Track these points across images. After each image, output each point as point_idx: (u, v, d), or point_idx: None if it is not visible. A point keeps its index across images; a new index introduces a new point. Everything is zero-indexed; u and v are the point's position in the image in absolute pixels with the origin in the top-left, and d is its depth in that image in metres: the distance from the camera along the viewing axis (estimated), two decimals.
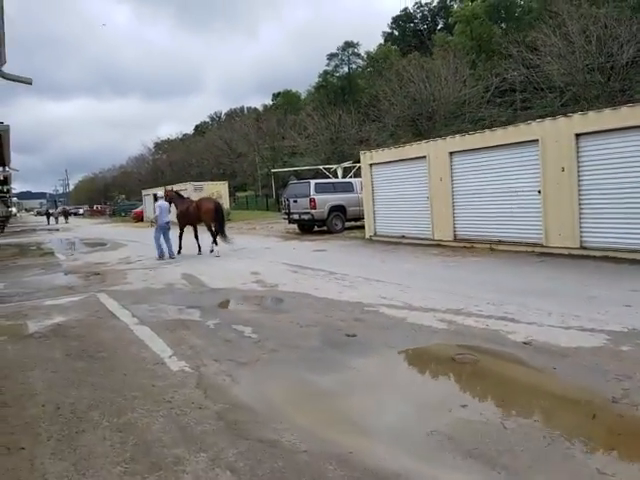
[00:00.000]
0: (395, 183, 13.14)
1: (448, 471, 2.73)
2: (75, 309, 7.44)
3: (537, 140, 9.45)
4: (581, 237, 8.99)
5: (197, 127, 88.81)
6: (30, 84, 8.32)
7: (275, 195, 40.10)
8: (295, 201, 17.25)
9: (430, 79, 31.93)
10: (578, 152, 8.86)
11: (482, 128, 24.96)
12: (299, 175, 43.71)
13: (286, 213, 17.81)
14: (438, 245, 11.83)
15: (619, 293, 6.25)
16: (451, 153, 11.32)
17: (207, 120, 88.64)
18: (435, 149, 11.73)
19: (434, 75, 31.93)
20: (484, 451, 2.86)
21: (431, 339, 4.98)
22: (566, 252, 9.16)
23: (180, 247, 13.38)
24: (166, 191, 14.18)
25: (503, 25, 42.13)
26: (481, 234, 10.97)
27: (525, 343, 4.64)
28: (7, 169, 21.91)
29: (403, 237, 13.02)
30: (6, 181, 28.13)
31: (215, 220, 12.72)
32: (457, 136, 11.50)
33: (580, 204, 8.93)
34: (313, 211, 16.45)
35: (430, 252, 11.10)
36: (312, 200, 16.47)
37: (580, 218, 8.96)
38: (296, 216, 17.38)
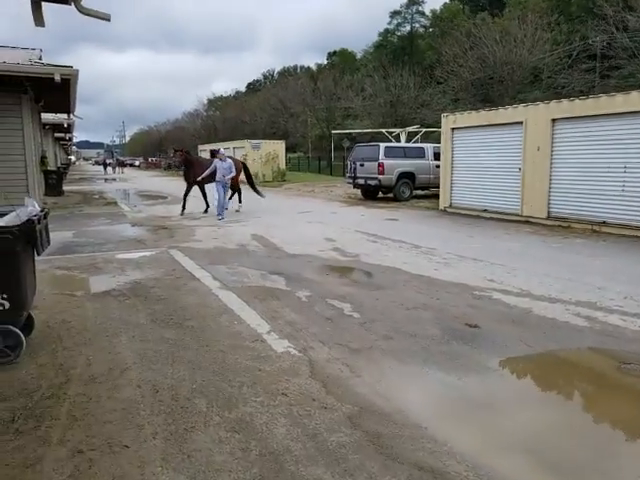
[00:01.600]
0: (480, 150, 11.94)
1: None
2: (150, 265, 6.99)
3: None
4: None
5: (250, 85, 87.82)
6: (109, 20, 7.56)
7: (330, 158, 39.01)
8: (362, 165, 16.26)
9: (504, 41, 29.48)
10: None
11: (560, 97, 22.86)
12: (354, 138, 42.34)
13: (351, 177, 16.87)
14: (527, 222, 10.71)
15: None
16: (554, 120, 10.01)
17: (260, 78, 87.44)
18: (535, 114, 10.43)
19: (509, 36, 29.43)
20: None
21: (577, 340, 4.12)
22: None
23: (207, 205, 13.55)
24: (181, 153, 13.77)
25: None
26: (581, 213, 9.77)
27: None
28: (71, 117, 21.86)
29: (485, 211, 11.93)
30: (69, 129, 28.38)
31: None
32: (564, 101, 10.13)
33: None
34: (381, 176, 15.45)
35: (522, 229, 10.02)
36: (380, 165, 15.45)
37: None
38: (361, 181, 16.44)
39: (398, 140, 23.55)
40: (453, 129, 12.65)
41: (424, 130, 24.07)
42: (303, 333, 4.27)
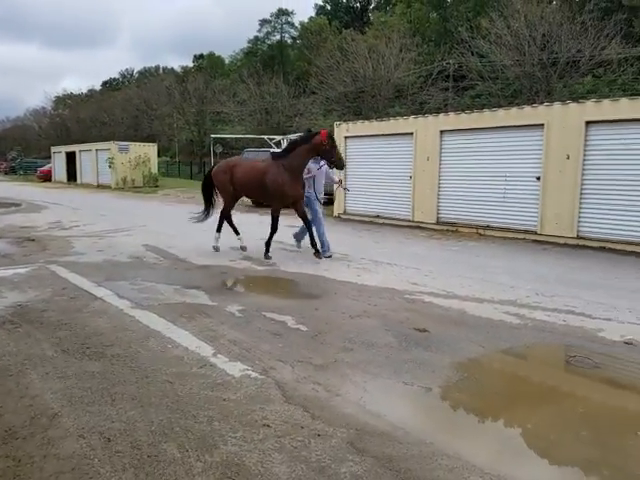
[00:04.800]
0: (372, 159, 12.40)
1: None
2: (30, 285, 5.88)
3: (542, 125, 9.20)
4: (578, 227, 8.96)
5: (106, 83, 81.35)
6: None
7: (202, 163, 37.67)
8: None
9: (372, 57, 31.42)
10: (586, 140, 8.73)
11: (425, 112, 25.05)
12: (227, 143, 41.49)
13: None
14: (418, 227, 11.37)
15: None
16: (442, 132, 10.80)
17: (117, 77, 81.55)
18: (425, 126, 11.14)
19: (377, 54, 31.43)
20: None
21: (519, 337, 4.36)
22: (562, 241, 9.10)
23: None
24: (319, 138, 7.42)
25: (441, 12, 42.65)
26: (468, 218, 10.66)
27: (627, 343, 4.19)
28: None
29: (378, 217, 12.41)
30: None
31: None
32: (451, 114, 11.01)
33: (582, 193, 8.86)
34: None
35: (418, 234, 10.60)
36: None
37: (580, 207, 8.89)
38: None
39: (279, 146, 23.58)
40: (346, 137, 12.97)
41: None
42: (255, 352, 3.87)
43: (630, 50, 27.04)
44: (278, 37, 62.79)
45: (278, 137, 23.70)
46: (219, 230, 8.44)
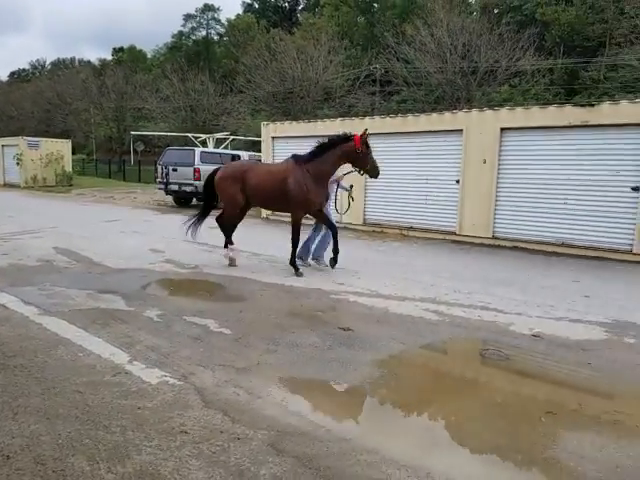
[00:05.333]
0: None
1: None
2: None
3: (461, 130, 9.73)
4: (494, 228, 9.56)
5: (14, 74, 75.66)
6: None
7: (122, 161, 36.05)
8: (175, 170, 15.42)
9: (301, 59, 31.68)
10: (501, 145, 9.34)
11: (353, 115, 25.62)
12: (150, 141, 40.01)
13: (162, 183, 15.83)
14: (345, 228, 11.57)
15: (567, 283, 6.65)
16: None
17: (27, 67, 76.11)
18: (352, 129, 11.32)
19: (306, 55, 31.75)
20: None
21: (437, 333, 4.58)
22: (479, 241, 9.67)
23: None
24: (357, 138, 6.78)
25: (368, 17, 43.83)
26: (392, 219, 11.03)
27: (534, 336, 4.53)
28: None
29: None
30: None
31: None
32: (376, 118, 11.33)
33: (497, 196, 9.46)
34: (197, 182, 14.87)
35: (346, 235, 10.77)
36: (197, 170, 14.89)
37: (495, 209, 9.50)
38: (175, 187, 15.56)
39: (204, 145, 23.11)
40: (274, 138, 12.96)
41: (232, 137, 24.15)
42: (174, 358, 3.77)
43: (542, 62, 29.33)
44: (204, 33, 61.63)
45: (204, 136, 23.23)
46: (230, 243, 7.30)
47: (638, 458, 2.64)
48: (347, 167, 7.01)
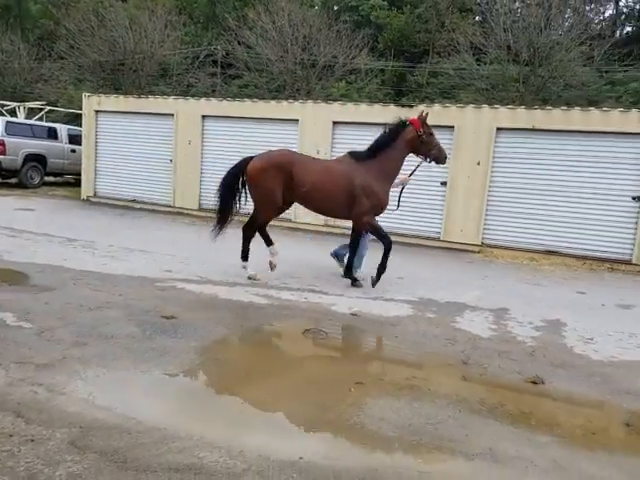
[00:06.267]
0: (129, 138, 11.67)
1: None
2: None
3: (298, 120, 10.08)
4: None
5: None
6: None
7: None
8: None
9: (134, 29, 29.43)
10: (333, 138, 9.91)
11: (192, 95, 24.81)
12: None
13: None
14: (180, 213, 11.21)
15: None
16: (204, 116, 10.84)
17: None
18: (185, 109, 10.99)
19: (140, 26, 29.58)
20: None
21: (265, 316, 4.71)
22: (313, 228, 10.18)
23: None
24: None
25: None
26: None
27: (353, 314, 4.94)
28: None
29: (134, 201, 11.77)
30: None
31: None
32: (213, 99, 11.09)
33: None
34: (2, 157, 12.94)
35: (179, 220, 10.43)
36: (1, 143, 12.94)
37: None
38: None
39: (13, 115, 20.19)
40: (97, 112, 11.87)
41: (49, 108, 21.47)
42: None
43: (375, 63, 31.75)
44: None
45: (13, 104, 20.24)
46: (246, 256, 6.24)
47: (427, 416, 3.07)
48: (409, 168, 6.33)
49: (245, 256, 6.18)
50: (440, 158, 6.07)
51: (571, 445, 2.86)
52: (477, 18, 35.11)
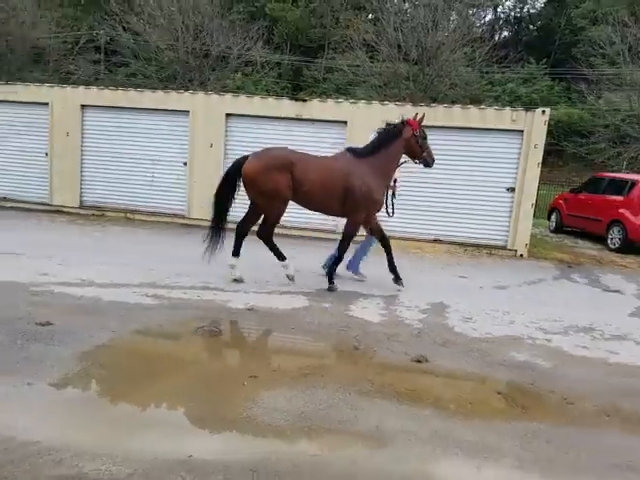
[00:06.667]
0: None
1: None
2: None
3: (188, 112, 9.80)
4: None
5: None
6: None
7: None
8: None
9: (2, 9, 26.70)
10: (227, 130, 9.78)
11: (73, 83, 23.11)
12: None
13: None
14: (59, 212, 10.40)
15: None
16: (83, 106, 10.14)
17: None
18: (62, 97, 10.19)
19: (8, 5, 26.87)
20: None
21: (154, 317, 4.55)
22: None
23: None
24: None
25: None
26: (115, 201, 10.41)
27: (249, 309, 4.95)
28: None
29: (4, 199, 10.73)
30: None
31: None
32: (93, 88, 10.36)
33: None
34: None
35: (57, 219, 9.67)
36: None
37: None
38: None
39: None
40: None
41: None
42: None
43: (271, 56, 31.74)
44: None
45: None
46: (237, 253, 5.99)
47: (318, 402, 3.17)
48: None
49: (237, 252, 6.01)
50: (429, 162, 6.25)
51: (450, 416, 3.13)
52: (370, 16, 36.48)
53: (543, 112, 8.95)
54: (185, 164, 10.03)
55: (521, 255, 9.19)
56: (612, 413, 3.37)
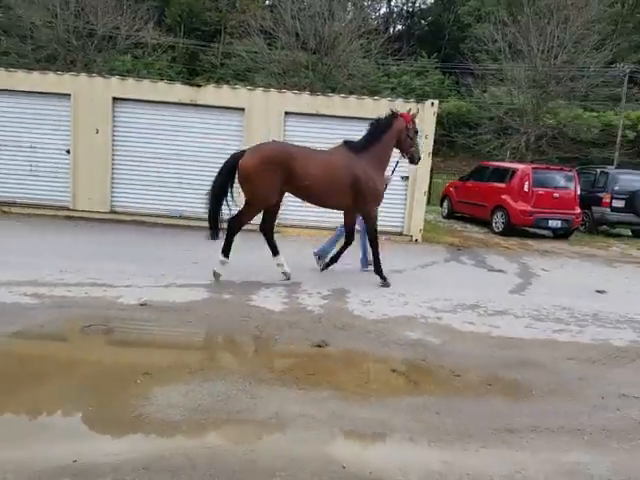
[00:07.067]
0: None
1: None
2: None
3: (69, 95, 9.10)
4: (112, 202, 9.48)
5: None
6: None
7: None
8: None
9: None
10: (114, 115, 9.22)
11: None
12: None
13: None
14: None
15: (182, 253, 7.16)
16: None
17: None
18: None
19: None
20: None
21: (34, 317, 4.21)
22: (97, 216, 9.39)
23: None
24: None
25: None
26: None
27: (142, 305, 4.74)
28: None
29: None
30: None
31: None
32: None
33: (113, 169, 9.36)
34: None
35: None
36: None
37: (112, 182, 9.40)
38: None
39: None
40: None
41: None
42: None
43: (164, 38, 30.37)
44: None
45: None
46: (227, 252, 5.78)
47: (217, 394, 3.13)
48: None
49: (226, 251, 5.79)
50: (415, 158, 6.42)
51: (347, 396, 3.24)
52: (267, 2, 36.17)
53: (432, 104, 9.48)
54: (68, 152, 9.33)
55: (416, 240, 9.72)
56: (493, 382, 3.69)
